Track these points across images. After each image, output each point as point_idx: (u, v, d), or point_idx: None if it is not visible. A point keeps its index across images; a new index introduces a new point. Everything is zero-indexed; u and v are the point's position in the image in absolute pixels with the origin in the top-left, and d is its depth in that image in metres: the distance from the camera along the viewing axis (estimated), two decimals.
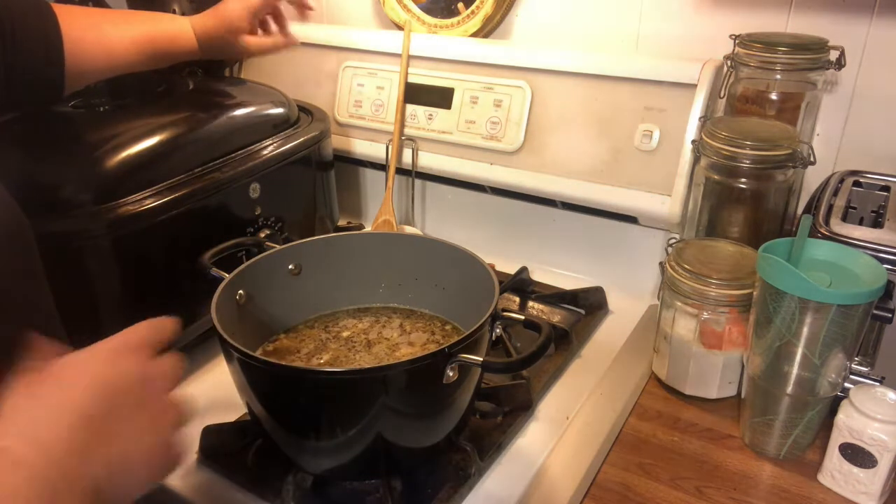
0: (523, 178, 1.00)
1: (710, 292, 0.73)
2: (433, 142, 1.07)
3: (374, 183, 1.20)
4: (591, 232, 1.02)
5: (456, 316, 0.78)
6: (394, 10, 1.15)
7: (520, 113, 0.99)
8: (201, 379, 0.85)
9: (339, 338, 0.77)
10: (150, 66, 0.84)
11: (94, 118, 0.82)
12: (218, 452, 0.72)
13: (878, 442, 0.62)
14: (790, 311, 0.63)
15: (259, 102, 0.95)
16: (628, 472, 0.69)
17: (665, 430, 0.75)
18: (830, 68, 0.81)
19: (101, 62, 0.77)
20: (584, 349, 0.90)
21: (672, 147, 0.89)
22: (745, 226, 0.84)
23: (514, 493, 0.68)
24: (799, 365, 0.66)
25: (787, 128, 0.81)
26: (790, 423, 0.69)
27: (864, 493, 0.65)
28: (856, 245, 0.69)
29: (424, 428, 0.65)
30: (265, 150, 0.89)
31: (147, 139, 0.78)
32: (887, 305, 0.66)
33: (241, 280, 0.72)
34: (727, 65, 0.85)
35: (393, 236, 0.87)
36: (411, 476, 0.68)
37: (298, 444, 0.65)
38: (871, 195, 0.82)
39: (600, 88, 0.94)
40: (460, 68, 1.04)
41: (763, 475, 0.69)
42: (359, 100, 1.12)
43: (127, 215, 0.72)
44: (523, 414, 0.77)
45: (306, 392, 0.60)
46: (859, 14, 0.85)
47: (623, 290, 0.99)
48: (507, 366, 0.71)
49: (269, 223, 0.90)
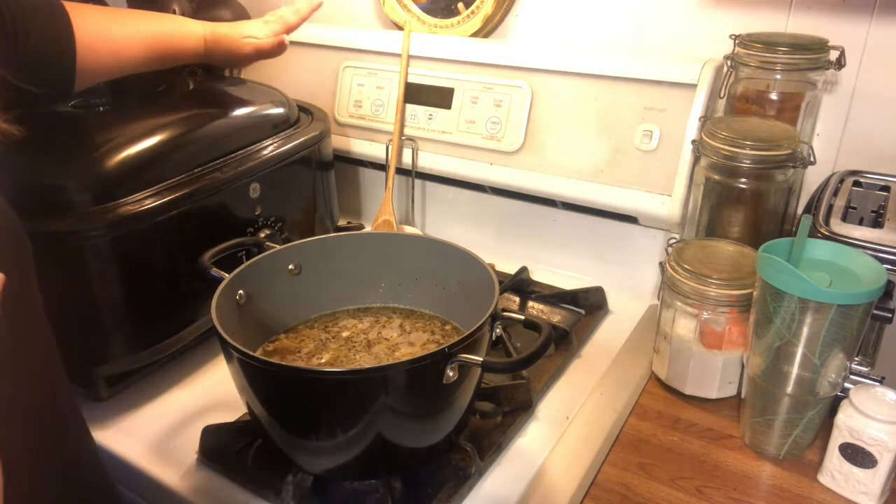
0: (523, 178, 1.00)
1: (710, 292, 0.73)
2: (433, 142, 1.07)
3: (373, 183, 1.20)
4: (591, 232, 1.02)
5: (456, 316, 0.78)
6: (394, 10, 1.15)
7: (520, 113, 0.99)
8: (201, 379, 0.85)
9: (339, 338, 0.77)
10: (156, 66, 0.84)
11: (94, 118, 0.82)
12: (218, 452, 0.72)
13: (878, 442, 0.62)
14: (790, 311, 0.63)
15: (259, 102, 0.95)
16: (628, 472, 0.69)
17: (665, 430, 0.75)
18: (830, 68, 0.81)
19: (109, 62, 0.78)
20: (584, 349, 0.90)
21: (672, 147, 0.89)
22: (745, 226, 0.84)
23: (514, 493, 0.68)
24: (799, 365, 0.66)
25: (787, 128, 0.81)
26: (790, 423, 0.69)
27: (864, 493, 0.65)
28: (856, 245, 0.69)
29: (424, 428, 0.65)
30: (265, 150, 0.89)
31: (147, 139, 0.78)
32: (887, 305, 0.66)
33: (241, 280, 0.72)
34: (727, 65, 0.85)
35: (393, 236, 0.87)
36: (411, 476, 0.68)
37: (298, 444, 0.65)
38: (871, 195, 0.82)
39: (600, 88, 0.94)
40: (460, 68, 1.04)
41: (763, 475, 0.69)
42: (359, 100, 1.12)
43: (127, 215, 0.72)
44: (523, 414, 0.77)
45: (306, 392, 0.60)
46: (859, 14, 0.85)
47: (623, 290, 0.99)
48: (507, 366, 0.71)
49: (269, 223, 0.90)
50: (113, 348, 0.76)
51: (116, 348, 0.76)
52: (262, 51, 0.90)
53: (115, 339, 0.76)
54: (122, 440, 0.75)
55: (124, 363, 0.78)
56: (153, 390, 0.83)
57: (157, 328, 0.79)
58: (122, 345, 0.77)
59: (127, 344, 0.77)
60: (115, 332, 0.76)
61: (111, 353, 0.76)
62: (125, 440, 0.75)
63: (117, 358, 0.77)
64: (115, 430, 0.77)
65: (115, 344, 0.76)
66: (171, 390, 0.83)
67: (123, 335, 0.77)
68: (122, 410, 0.79)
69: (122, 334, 0.77)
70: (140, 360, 0.79)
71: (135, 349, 0.78)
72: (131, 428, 0.77)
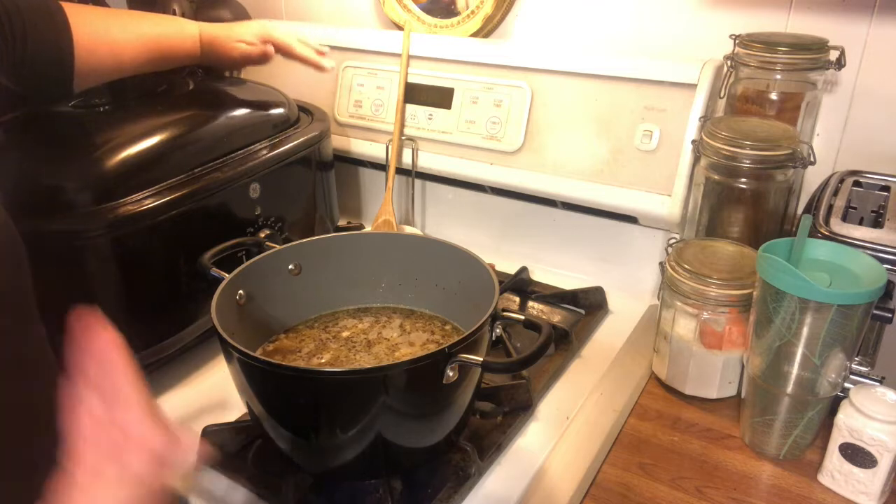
0: (523, 178, 1.00)
1: (710, 292, 0.73)
2: (433, 142, 1.07)
3: (373, 183, 1.20)
4: (591, 232, 1.02)
5: (456, 316, 0.78)
6: (394, 10, 1.15)
7: (520, 113, 0.99)
8: (201, 379, 0.85)
9: (339, 338, 0.77)
10: (154, 68, 0.84)
11: (94, 118, 0.82)
12: (218, 452, 0.72)
13: (878, 442, 0.62)
14: (790, 311, 0.63)
15: (259, 102, 0.95)
16: (628, 472, 0.69)
17: (665, 430, 0.75)
18: (830, 68, 0.81)
19: (108, 63, 0.78)
20: (584, 349, 0.90)
21: (672, 147, 0.89)
22: (745, 226, 0.84)
23: (514, 493, 0.68)
24: (799, 365, 0.66)
25: (787, 128, 0.81)
26: (790, 423, 0.69)
27: (864, 493, 0.65)
28: (856, 245, 0.69)
29: (424, 428, 0.65)
30: (265, 150, 0.89)
31: (147, 139, 0.78)
32: (887, 305, 0.66)
33: (241, 280, 0.72)
34: (727, 65, 0.85)
35: (393, 236, 0.87)
36: (411, 476, 0.68)
37: (298, 444, 0.65)
38: (871, 195, 0.82)
39: (600, 88, 0.94)
40: (460, 68, 1.04)
41: (763, 475, 0.69)
42: (359, 100, 1.12)
43: (127, 215, 0.72)
44: (523, 414, 0.77)
45: (306, 392, 0.60)
46: (859, 14, 0.85)
47: (623, 290, 0.99)
48: (507, 366, 0.72)
49: (269, 223, 0.90)
50: None
51: None
52: (248, 57, 0.91)
53: None
54: None
55: None
56: (153, 390, 0.82)
57: (157, 328, 0.79)
58: None
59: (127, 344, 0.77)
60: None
61: None
62: None
63: None
64: None
65: None
66: (171, 390, 0.83)
67: (123, 335, 0.76)
68: None
69: (122, 334, 0.76)
70: (140, 360, 0.78)
71: (135, 349, 0.77)
72: None
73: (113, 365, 0.47)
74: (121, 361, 0.48)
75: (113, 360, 0.47)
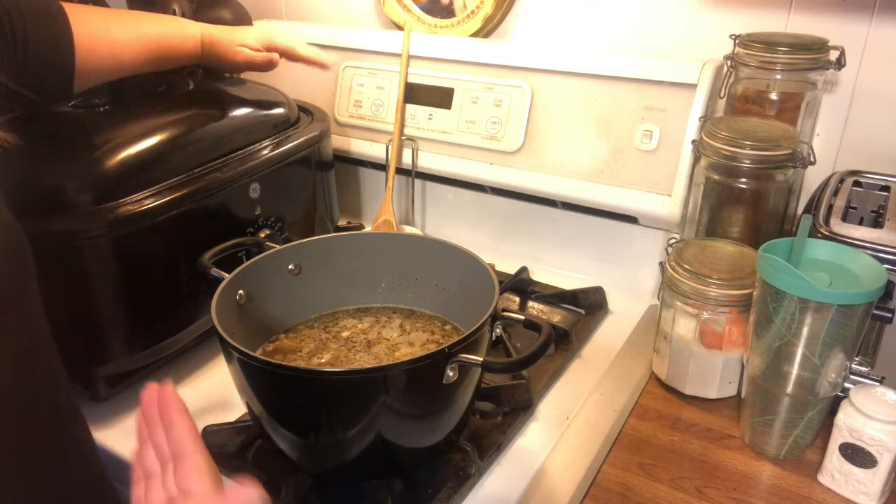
0: (523, 178, 1.00)
1: (710, 292, 0.73)
2: (433, 142, 1.07)
3: (373, 183, 1.20)
4: (591, 232, 1.02)
5: (456, 316, 0.78)
6: (394, 10, 1.15)
7: (520, 113, 0.99)
8: (201, 379, 0.85)
9: (339, 338, 0.77)
10: (154, 68, 0.84)
11: (94, 118, 0.81)
12: (218, 452, 0.72)
13: (878, 442, 0.62)
14: (790, 311, 0.63)
15: (259, 102, 0.95)
16: (628, 472, 0.69)
17: (665, 430, 0.75)
18: (830, 68, 0.81)
19: (108, 63, 0.78)
20: (584, 349, 0.90)
21: (672, 147, 0.89)
22: (745, 226, 0.84)
23: (514, 493, 0.68)
24: (799, 365, 0.66)
25: (787, 128, 0.81)
26: (790, 423, 0.69)
27: (864, 493, 0.65)
28: (856, 245, 0.69)
29: (424, 428, 0.65)
30: (265, 150, 0.89)
31: (147, 139, 0.78)
32: (887, 305, 0.66)
33: (241, 280, 0.72)
34: (727, 65, 0.85)
35: (393, 236, 0.87)
36: (411, 476, 0.68)
37: (298, 444, 0.65)
38: (871, 195, 0.82)
39: (600, 88, 0.94)
40: (460, 68, 1.04)
41: (763, 475, 0.69)
42: (359, 100, 1.12)
43: (127, 215, 0.72)
44: (523, 414, 0.77)
45: (306, 392, 0.60)
46: (859, 14, 0.85)
47: (623, 290, 0.99)
48: (507, 366, 0.71)
49: (269, 223, 0.90)
50: (113, 348, 0.76)
51: (116, 348, 0.76)
52: (252, 63, 0.91)
53: (115, 339, 0.76)
54: (122, 440, 0.75)
55: (124, 363, 0.78)
56: None
57: (157, 328, 0.79)
58: (122, 345, 0.77)
59: (127, 344, 0.77)
60: (115, 332, 0.76)
61: (111, 353, 0.76)
62: (125, 440, 0.75)
63: (117, 358, 0.77)
64: (115, 429, 0.77)
65: (115, 344, 0.76)
66: None
67: (123, 335, 0.77)
68: (122, 410, 0.79)
69: (122, 334, 0.77)
70: (140, 361, 0.79)
71: (135, 349, 0.78)
72: (131, 428, 0.77)
73: (175, 427, 0.50)
74: (184, 423, 0.50)
75: (175, 422, 0.50)
